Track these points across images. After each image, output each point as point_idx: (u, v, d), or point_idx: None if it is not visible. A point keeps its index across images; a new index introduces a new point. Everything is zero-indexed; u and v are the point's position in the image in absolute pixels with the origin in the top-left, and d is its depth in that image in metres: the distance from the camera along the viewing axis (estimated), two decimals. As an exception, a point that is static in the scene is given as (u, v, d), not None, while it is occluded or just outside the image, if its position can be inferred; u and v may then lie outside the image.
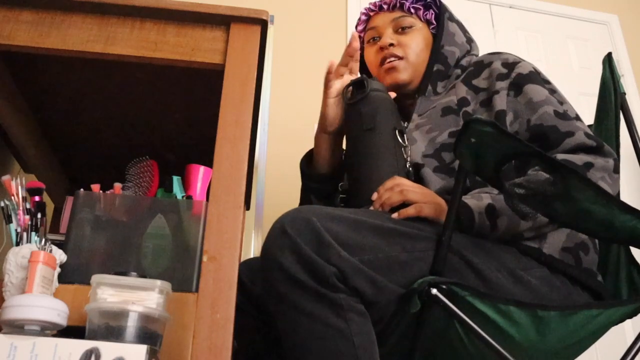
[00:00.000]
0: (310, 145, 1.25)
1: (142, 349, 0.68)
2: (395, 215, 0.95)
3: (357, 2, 2.66)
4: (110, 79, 1.12)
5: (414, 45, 1.21)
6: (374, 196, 1.01)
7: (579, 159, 0.97)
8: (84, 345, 0.68)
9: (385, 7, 1.25)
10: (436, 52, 1.21)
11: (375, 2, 1.27)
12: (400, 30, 1.23)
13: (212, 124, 0.91)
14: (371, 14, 1.29)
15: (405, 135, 1.11)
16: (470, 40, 1.26)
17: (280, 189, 2.18)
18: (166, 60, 0.94)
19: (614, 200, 0.83)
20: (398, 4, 1.24)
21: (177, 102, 1.19)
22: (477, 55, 1.25)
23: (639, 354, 0.94)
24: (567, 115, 1.03)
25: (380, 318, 0.87)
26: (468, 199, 0.97)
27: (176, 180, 1.13)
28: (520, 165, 0.84)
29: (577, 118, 1.05)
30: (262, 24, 0.96)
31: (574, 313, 0.91)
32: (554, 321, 0.90)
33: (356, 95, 1.12)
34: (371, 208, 1.00)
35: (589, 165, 0.96)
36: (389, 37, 1.22)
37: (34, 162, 1.32)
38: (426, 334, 0.90)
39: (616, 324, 0.98)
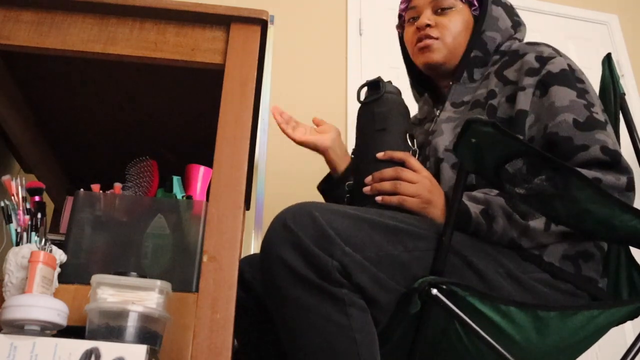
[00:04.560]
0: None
1: (142, 349, 0.68)
2: (378, 198, 0.98)
3: (357, 2, 2.66)
4: (110, 79, 1.12)
5: (452, 27, 1.18)
6: (368, 179, 1.01)
7: (589, 173, 0.92)
8: (84, 345, 0.68)
9: None
10: (476, 37, 1.18)
11: None
12: (440, 11, 1.20)
13: (212, 124, 0.91)
14: None
15: (415, 141, 1.10)
16: (517, 24, 1.22)
17: (280, 189, 2.18)
18: (166, 60, 0.94)
19: (614, 200, 0.83)
20: None
21: (177, 102, 1.19)
22: (520, 40, 1.22)
23: (639, 354, 0.94)
24: (588, 125, 0.98)
25: (380, 318, 0.87)
26: (465, 200, 0.97)
27: (176, 180, 1.13)
28: (520, 165, 0.84)
29: (602, 126, 0.99)
30: (262, 24, 0.96)
31: (574, 314, 0.91)
32: (554, 322, 0.90)
33: (370, 96, 1.12)
34: (364, 190, 1.01)
35: (596, 182, 0.92)
36: (426, 17, 1.19)
37: (34, 162, 1.32)
38: (426, 334, 0.90)
39: (616, 324, 0.98)
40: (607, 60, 1.25)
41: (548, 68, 1.06)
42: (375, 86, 1.12)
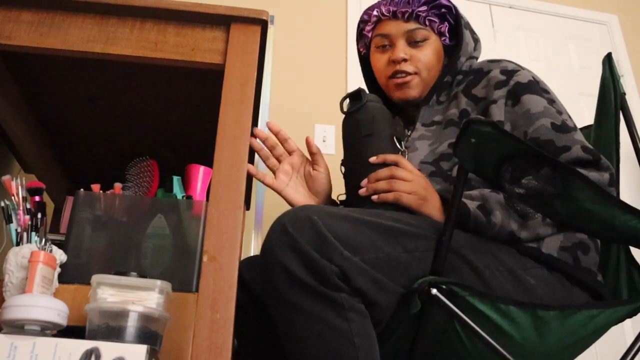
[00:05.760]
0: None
1: (142, 349, 0.68)
2: (374, 197, 0.98)
3: (357, 2, 2.66)
4: (110, 79, 1.12)
5: (427, 61, 1.18)
6: (364, 182, 1.02)
7: None
8: (84, 345, 0.68)
9: (400, 15, 1.19)
10: (451, 65, 1.19)
11: (388, 8, 1.21)
12: (414, 42, 1.19)
13: (212, 124, 0.91)
14: (383, 18, 1.22)
15: (403, 143, 1.11)
16: (476, 42, 1.24)
17: (280, 189, 2.18)
18: (166, 60, 0.94)
19: (614, 200, 0.83)
20: (414, 15, 1.19)
21: (177, 102, 1.19)
22: (477, 58, 1.23)
23: (638, 354, 0.94)
24: (564, 127, 1.02)
25: (380, 319, 0.87)
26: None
27: (176, 180, 1.13)
28: (520, 165, 0.84)
29: (575, 129, 1.04)
30: (262, 24, 0.96)
31: (573, 313, 0.91)
32: (554, 321, 0.90)
33: (353, 106, 1.12)
34: (360, 192, 1.02)
35: None
36: (402, 51, 1.18)
37: (34, 162, 1.32)
38: (426, 334, 0.90)
39: (616, 324, 0.98)
40: (608, 60, 1.25)
41: (516, 79, 1.09)
42: (356, 97, 1.13)
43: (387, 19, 1.21)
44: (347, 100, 1.15)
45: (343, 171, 1.14)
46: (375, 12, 1.23)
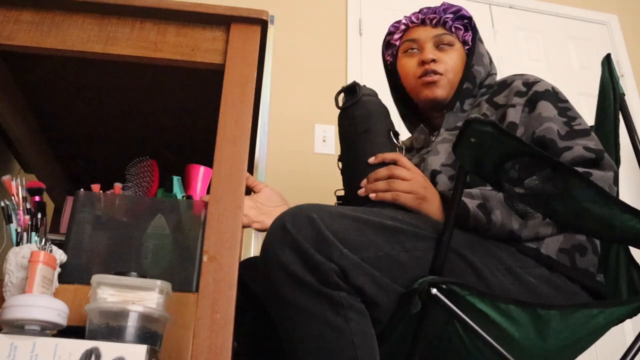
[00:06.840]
0: (310, 144, 1.24)
1: (142, 349, 0.68)
2: (372, 195, 1.00)
3: (357, 2, 2.66)
4: (110, 79, 1.13)
5: (453, 64, 1.25)
6: (363, 182, 1.03)
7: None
8: (84, 345, 0.68)
9: (428, 22, 1.27)
10: (467, 71, 1.25)
11: (417, 15, 1.29)
12: (441, 46, 1.26)
13: (212, 124, 0.91)
14: (411, 25, 1.30)
15: (399, 137, 1.12)
16: (490, 60, 1.31)
17: (280, 188, 2.18)
18: (166, 60, 0.94)
19: (614, 200, 0.83)
20: (442, 21, 1.27)
21: (177, 102, 1.20)
22: (495, 74, 1.30)
23: (638, 354, 0.94)
24: (569, 135, 1.05)
25: (380, 318, 0.87)
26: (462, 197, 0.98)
27: (176, 180, 1.13)
28: (519, 165, 0.84)
29: (584, 134, 1.05)
30: (262, 24, 0.97)
31: (573, 312, 0.91)
32: (554, 320, 0.90)
33: (348, 100, 1.13)
34: (359, 192, 1.03)
35: (587, 176, 0.97)
36: (430, 52, 1.24)
37: (34, 162, 1.32)
38: (426, 334, 0.90)
39: (616, 324, 0.98)
40: (607, 61, 1.25)
41: (535, 89, 1.13)
42: (352, 91, 1.14)
43: (415, 26, 1.30)
44: (342, 95, 1.16)
45: (340, 167, 1.15)
46: (403, 21, 1.32)
